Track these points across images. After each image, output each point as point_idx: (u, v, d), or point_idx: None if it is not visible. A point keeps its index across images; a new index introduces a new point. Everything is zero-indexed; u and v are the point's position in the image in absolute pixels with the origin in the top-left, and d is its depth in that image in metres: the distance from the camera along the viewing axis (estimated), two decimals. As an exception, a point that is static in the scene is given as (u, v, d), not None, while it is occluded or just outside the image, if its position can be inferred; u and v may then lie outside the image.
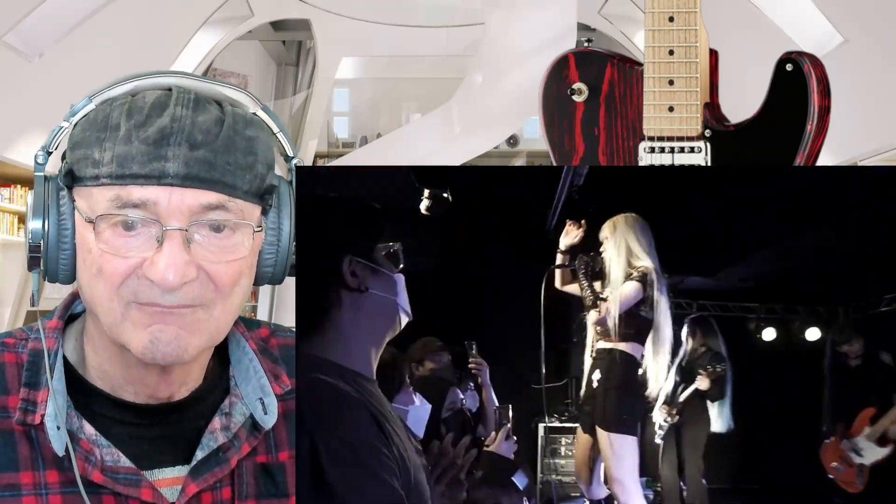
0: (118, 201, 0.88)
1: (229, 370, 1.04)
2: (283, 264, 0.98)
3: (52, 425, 0.91)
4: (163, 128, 0.88)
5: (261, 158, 0.93)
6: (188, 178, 0.88)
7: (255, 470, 1.00)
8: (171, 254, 0.87)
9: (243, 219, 0.92)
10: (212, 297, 0.91)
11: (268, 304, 8.31)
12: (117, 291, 0.89)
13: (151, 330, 0.89)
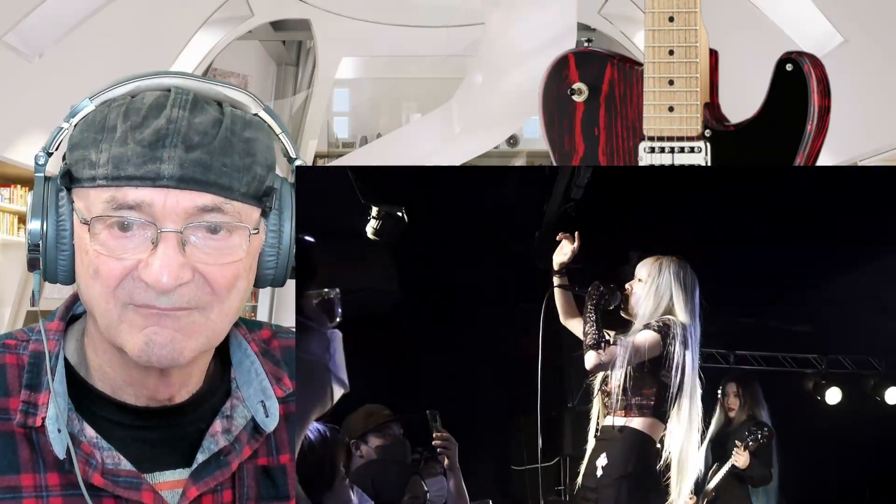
0: (114, 203, 0.87)
1: (230, 372, 1.03)
2: (284, 267, 0.97)
3: (54, 428, 0.91)
4: (158, 129, 0.87)
5: (259, 160, 0.92)
6: (183, 179, 0.87)
7: (257, 473, 1.00)
8: (165, 256, 0.87)
9: (240, 221, 0.91)
10: (208, 300, 0.90)
11: (268, 304, 8.32)
12: (113, 293, 0.89)
13: (147, 332, 0.89)
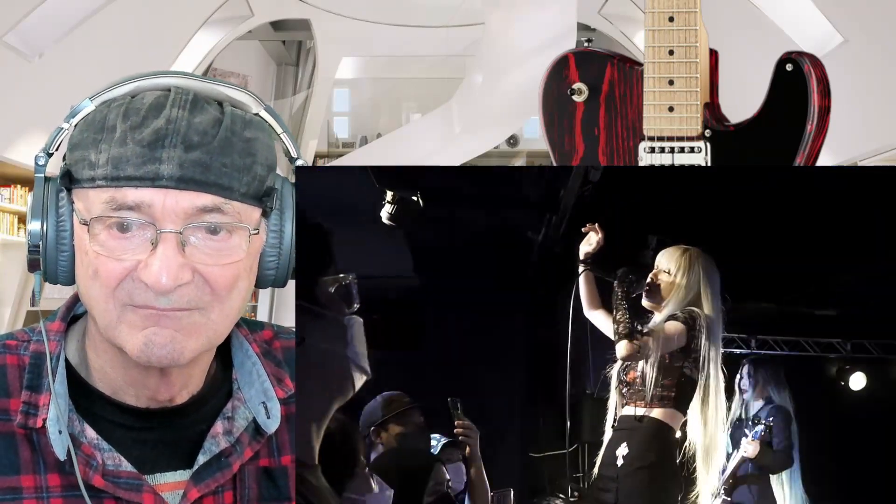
0: (113, 203, 0.87)
1: (232, 373, 1.03)
2: (285, 267, 0.97)
3: (54, 429, 0.91)
4: (158, 129, 0.87)
5: (260, 160, 0.92)
6: (183, 180, 0.87)
7: (258, 474, 1.00)
8: (164, 256, 0.86)
9: (241, 221, 0.90)
10: (208, 301, 0.90)
11: (268, 304, 8.32)
12: (113, 294, 0.88)
13: (146, 332, 0.89)
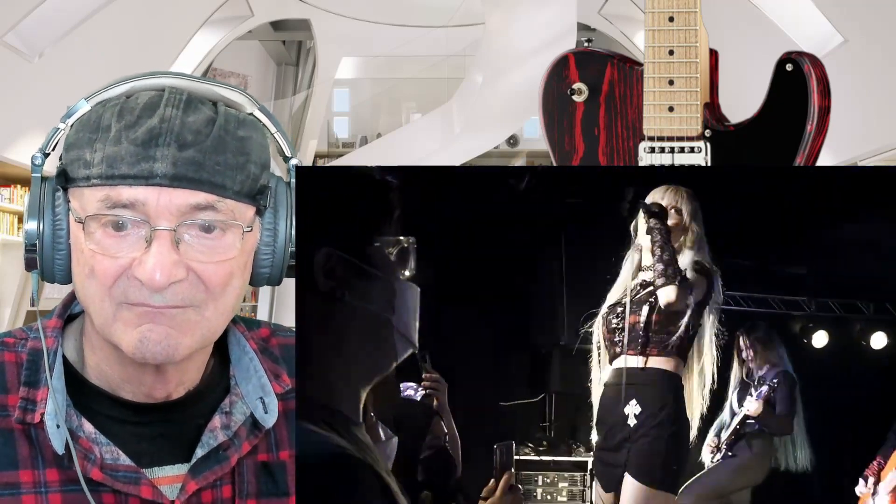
0: (108, 201, 0.88)
1: (230, 369, 1.04)
2: (279, 266, 0.98)
3: (52, 423, 0.91)
4: (152, 128, 0.88)
5: (253, 158, 0.93)
6: (176, 178, 0.88)
7: (256, 468, 1.00)
8: (158, 254, 0.87)
9: (234, 219, 0.91)
10: (203, 298, 0.91)
11: (268, 304, 8.33)
12: (109, 292, 0.89)
13: (141, 330, 0.89)
